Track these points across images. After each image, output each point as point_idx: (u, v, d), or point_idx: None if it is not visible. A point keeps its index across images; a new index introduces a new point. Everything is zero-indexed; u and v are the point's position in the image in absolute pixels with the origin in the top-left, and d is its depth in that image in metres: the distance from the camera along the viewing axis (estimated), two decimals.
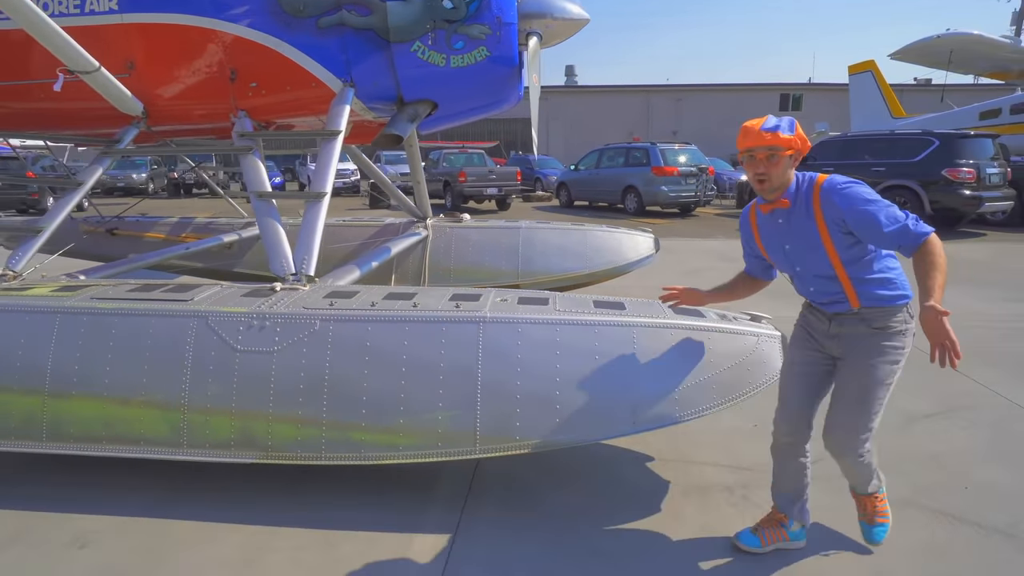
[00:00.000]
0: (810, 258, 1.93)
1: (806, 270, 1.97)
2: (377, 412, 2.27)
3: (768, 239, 2.05)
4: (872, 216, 1.79)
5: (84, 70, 2.87)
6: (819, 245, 1.89)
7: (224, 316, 2.40)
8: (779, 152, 1.88)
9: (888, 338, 1.90)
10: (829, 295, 1.94)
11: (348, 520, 2.34)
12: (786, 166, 1.90)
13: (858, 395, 1.90)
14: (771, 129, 1.88)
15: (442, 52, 3.16)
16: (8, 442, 2.42)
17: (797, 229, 1.93)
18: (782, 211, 1.97)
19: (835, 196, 1.85)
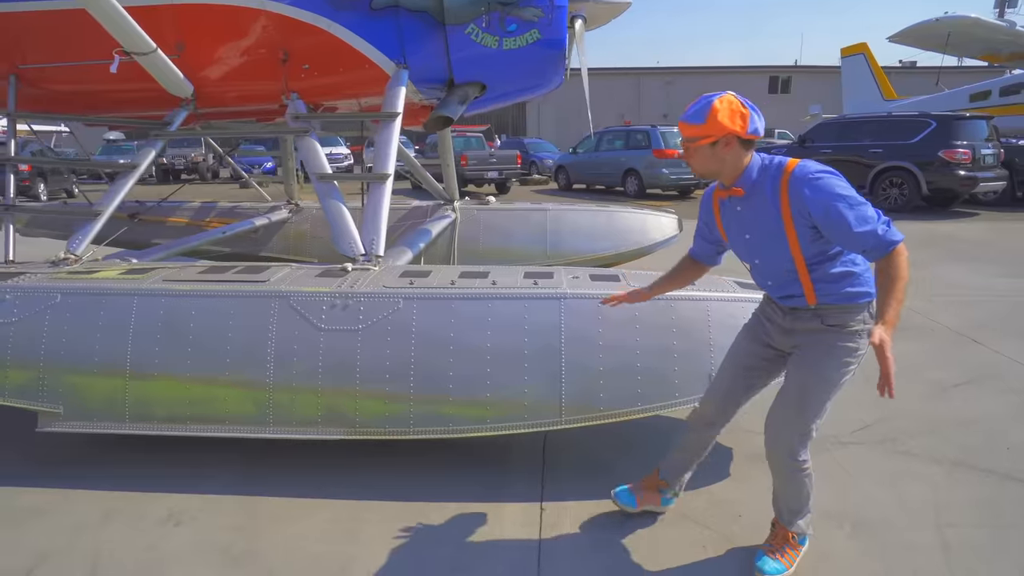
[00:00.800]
0: (771, 250, 1.78)
1: (765, 262, 1.83)
2: (464, 386, 2.33)
3: (729, 226, 1.90)
4: (842, 214, 1.61)
5: (141, 51, 2.84)
6: (781, 237, 1.72)
7: (306, 296, 2.44)
8: (692, 143, 1.75)
9: (843, 337, 1.76)
10: (786, 290, 1.81)
11: (434, 492, 2.41)
12: (707, 156, 1.74)
13: (799, 393, 1.79)
14: (683, 119, 1.75)
15: (495, 34, 3.18)
16: (90, 423, 2.45)
17: (759, 218, 1.76)
18: (738, 199, 1.81)
19: (805, 186, 1.66)
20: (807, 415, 1.81)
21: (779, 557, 1.96)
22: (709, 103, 1.70)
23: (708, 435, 2.14)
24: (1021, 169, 10.77)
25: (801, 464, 1.87)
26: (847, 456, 2.72)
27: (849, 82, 17.11)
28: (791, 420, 1.83)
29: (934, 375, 3.56)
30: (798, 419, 1.82)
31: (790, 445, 1.84)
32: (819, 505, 2.30)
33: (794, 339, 1.84)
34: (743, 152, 1.74)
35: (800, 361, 1.82)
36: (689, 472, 2.22)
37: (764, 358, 1.96)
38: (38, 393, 2.45)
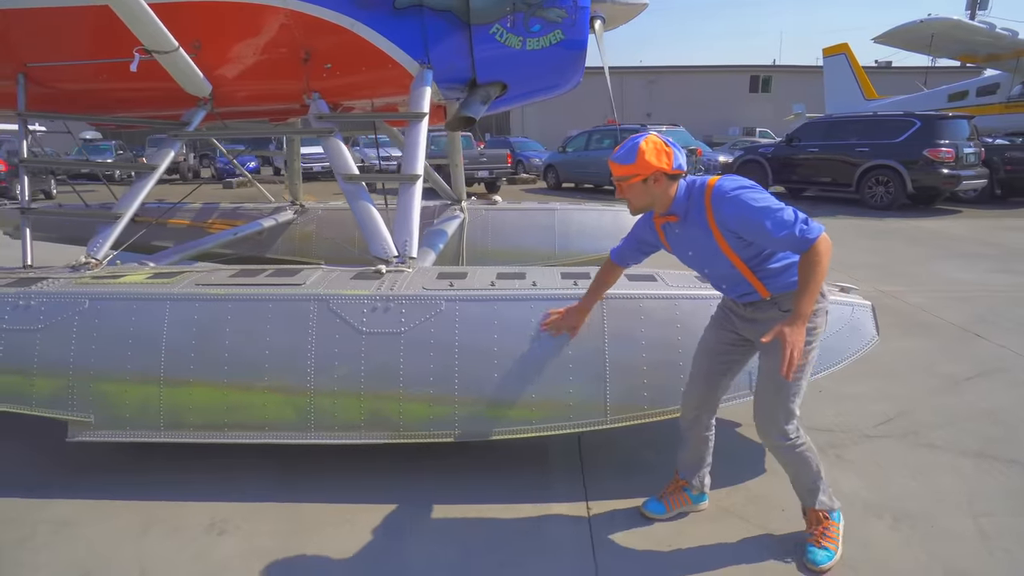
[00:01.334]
0: (713, 261, 1.96)
1: (713, 271, 2.02)
2: (509, 387, 2.33)
3: (674, 245, 2.07)
4: (760, 224, 1.77)
5: (162, 49, 2.78)
6: (717, 251, 1.90)
7: (346, 299, 2.41)
8: (624, 181, 1.91)
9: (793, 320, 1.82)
10: (740, 290, 1.97)
11: (477, 494, 2.41)
12: (639, 191, 1.91)
13: (773, 376, 1.88)
14: (614, 160, 1.92)
15: (519, 35, 3.17)
16: (123, 432, 2.39)
17: (695, 236, 1.94)
18: (674, 224, 1.98)
19: (724, 204, 1.83)
20: (783, 395, 1.93)
21: (824, 543, 2.02)
22: (635, 145, 1.88)
23: (702, 427, 2.20)
24: (999, 167, 11.10)
25: (796, 441, 1.98)
26: (875, 449, 2.78)
27: (831, 82, 17.46)
28: (771, 403, 1.96)
29: (944, 369, 3.66)
30: (777, 400, 1.94)
31: (777, 426, 1.96)
32: (858, 497, 2.38)
33: (757, 327, 1.96)
34: (670, 184, 1.91)
35: (767, 348, 1.91)
36: (707, 466, 2.27)
37: (733, 344, 2.09)
38: (68, 402, 2.38)
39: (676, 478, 2.29)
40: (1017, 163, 11.11)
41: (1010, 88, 13.02)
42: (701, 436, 2.22)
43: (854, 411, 3.12)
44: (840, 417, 3.07)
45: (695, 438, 2.22)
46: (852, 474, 2.55)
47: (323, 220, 5.31)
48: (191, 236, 4.94)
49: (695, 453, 2.25)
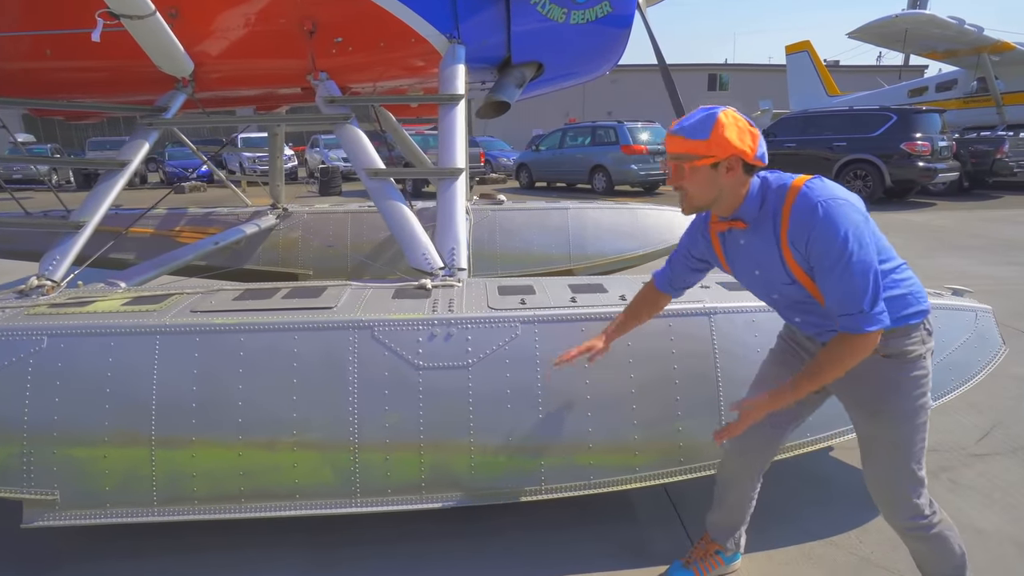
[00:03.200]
0: (784, 288, 1.48)
1: (784, 298, 1.53)
2: (607, 428, 1.88)
3: (734, 261, 1.58)
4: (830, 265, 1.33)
5: (135, 14, 2.18)
6: (792, 279, 1.44)
7: (395, 325, 1.90)
8: (685, 162, 1.42)
9: (907, 367, 1.44)
10: (821, 327, 1.51)
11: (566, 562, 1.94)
12: (705, 180, 1.42)
13: (887, 446, 1.49)
14: (679, 132, 1.41)
15: (564, 6, 2.72)
16: (103, 511, 1.81)
17: (762, 253, 1.47)
18: (739, 232, 1.51)
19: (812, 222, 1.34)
20: (908, 464, 1.48)
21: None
22: (712, 115, 1.40)
23: (748, 486, 1.78)
24: (967, 160, 11.36)
25: (931, 519, 1.52)
26: (989, 470, 2.47)
27: (794, 78, 17.71)
28: (894, 479, 1.50)
29: (1013, 371, 3.41)
30: (901, 473, 1.49)
31: (908, 504, 1.50)
32: (1005, 535, 2.04)
33: (844, 378, 1.47)
34: (745, 178, 1.44)
35: (868, 407, 1.49)
36: (744, 526, 1.85)
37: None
38: (22, 475, 1.78)
39: (707, 539, 1.87)
40: (982, 156, 11.41)
41: (968, 84, 13.43)
42: (745, 495, 1.79)
43: (950, 426, 2.81)
44: (937, 434, 2.74)
45: (737, 497, 1.79)
46: (980, 504, 2.22)
47: (309, 225, 4.70)
48: (157, 247, 4.26)
49: (735, 514, 1.82)
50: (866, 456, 1.55)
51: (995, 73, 13.01)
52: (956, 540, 1.55)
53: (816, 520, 2.13)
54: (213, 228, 4.45)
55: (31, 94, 2.79)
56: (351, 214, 4.73)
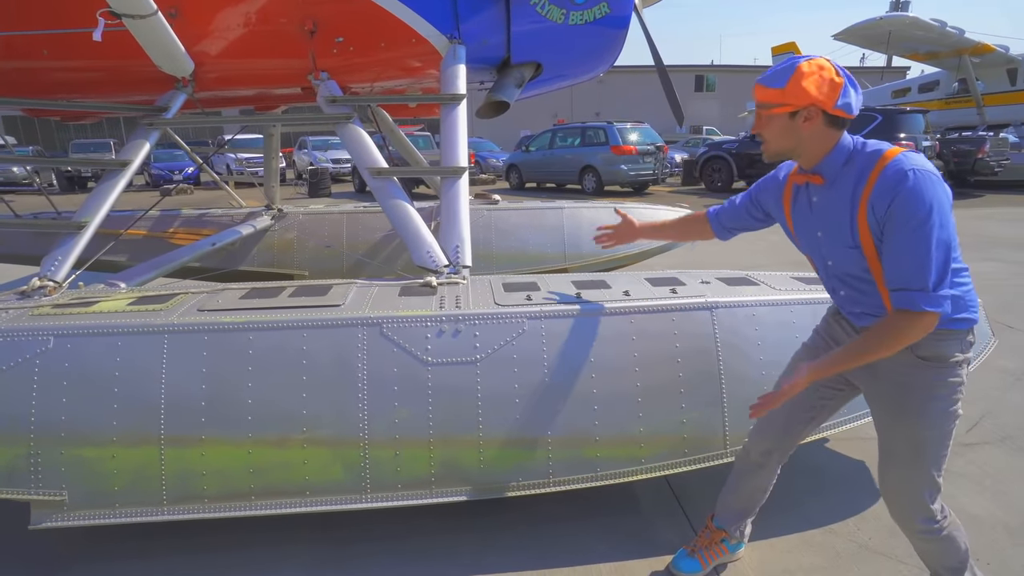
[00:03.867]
0: (843, 255, 1.46)
1: (839, 265, 1.49)
2: (613, 421, 1.91)
3: (800, 218, 1.56)
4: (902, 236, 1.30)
5: (136, 13, 2.18)
6: (855, 244, 1.41)
7: (403, 322, 1.92)
8: (765, 109, 1.44)
9: (943, 372, 1.41)
10: (863, 305, 1.48)
11: (574, 553, 1.97)
12: (782, 128, 1.42)
13: (912, 449, 1.46)
14: (761, 81, 1.44)
15: (562, 7, 2.75)
16: (112, 510, 1.80)
17: (834, 213, 1.44)
18: (815, 188, 1.49)
19: (899, 187, 1.30)
20: (929, 470, 1.47)
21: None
22: (794, 65, 1.39)
23: (766, 475, 1.80)
24: (949, 160, 11.58)
25: (942, 523, 1.53)
26: (978, 457, 2.54)
27: None
28: (914, 482, 1.49)
29: (999, 363, 3.51)
30: (921, 478, 1.48)
31: (923, 508, 1.50)
32: (998, 521, 2.10)
33: (875, 372, 1.48)
34: (828, 131, 1.40)
35: (897, 408, 1.47)
36: (751, 517, 1.89)
37: (828, 387, 1.64)
38: (30, 476, 1.78)
39: (710, 527, 1.89)
40: (964, 156, 11.64)
41: (949, 85, 13.70)
42: (760, 485, 1.81)
43: None
44: None
45: (753, 485, 1.81)
46: (972, 491, 2.29)
47: (304, 226, 4.69)
48: (151, 248, 4.23)
49: (747, 503, 1.84)
50: (886, 458, 1.52)
51: (976, 74, 13.28)
52: (962, 538, 1.56)
53: (814, 509, 2.18)
54: (207, 229, 4.43)
55: (28, 94, 2.77)
56: (346, 214, 4.73)
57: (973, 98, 13.42)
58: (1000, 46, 13.16)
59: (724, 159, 12.69)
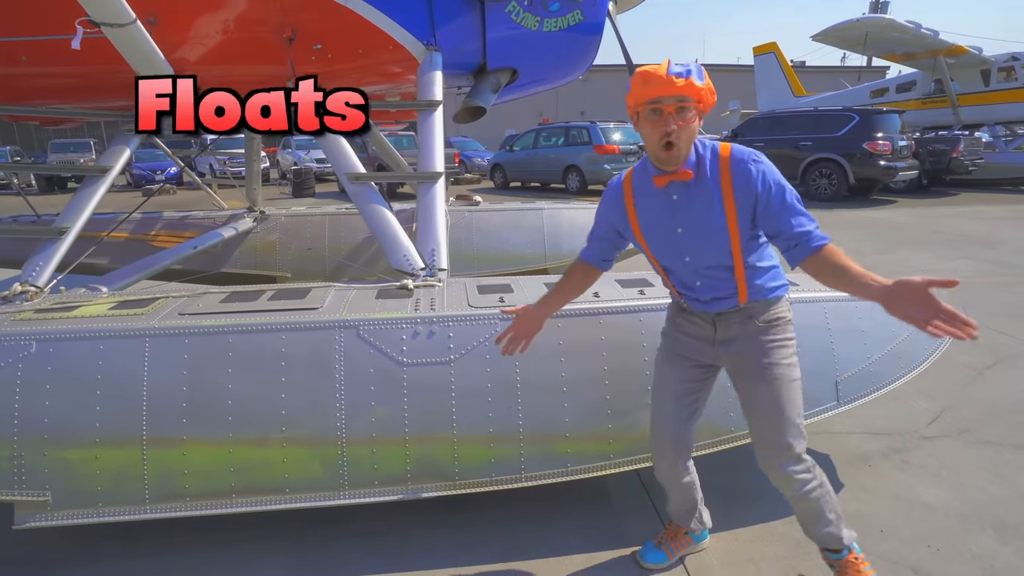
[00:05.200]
0: (707, 245, 1.58)
1: (697, 259, 1.61)
2: (582, 418, 1.99)
3: (652, 220, 1.63)
4: (791, 203, 1.51)
5: (115, 22, 2.21)
6: (723, 228, 1.55)
7: (379, 324, 1.98)
8: (691, 104, 1.48)
9: (780, 330, 1.65)
10: (718, 290, 1.63)
11: (547, 545, 2.04)
12: (695, 128, 1.53)
13: (772, 403, 1.62)
14: (683, 74, 1.46)
15: (536, 14, 2.83)
16: (95, 510, 1.85)
17: (698, 207, 1.56)
18: (680, 185, 1.57)
19: (751, 165, 1.52)
20: (791, 420, 1.64)
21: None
22: (699, 67, 1.49)
23: (681, 475, 1.87)
24: (925, 159, 11.83)
25: (810, 464, 1.68)
26: (937, 450, 2.65)
27: (762, 79, 18.17)
28: (781, 430, 1.63)
29: (962, 359, 3.63)
30: (783, 418, 1.63)
31: (790, 447, 1.64)
32: (952, 509, 2.21)
33: (731, 348, 1.66)
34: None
35: (753, 370, 1.64)
36: (700, 504, 1.96)
37: (696, 379, 1.76)
38: (13, 477, 1.82)
39: (672, 525, 2.00)
40: (939, 155, 11.90)
41: (926, 85, 13.98)
42: (683, 483, 1.89)
43: (903, 411, 3.00)
44: (891, 419, 2.93)
45: (681, 486, 1.89)
46: (929, 482, 2.39)
47: (287, 228, 4.73)
48: (133, 251, 4.24)
49: (684, 500, 1.92)
50: (756, 419, 1.66)
51: (951, 75, 13.58)
52: (831, 496, 1.71)
53: (777, 500, 2.26)
54: (189, 232, 4.45)
55: (6, 100, 2.79)
56: (328, 216, 4.77)
57: (948, 98, 13.73)
58: (973, 47, 13.48)
59: None
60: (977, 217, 9.18)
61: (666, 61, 1.49)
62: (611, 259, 1.85)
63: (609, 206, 1.74)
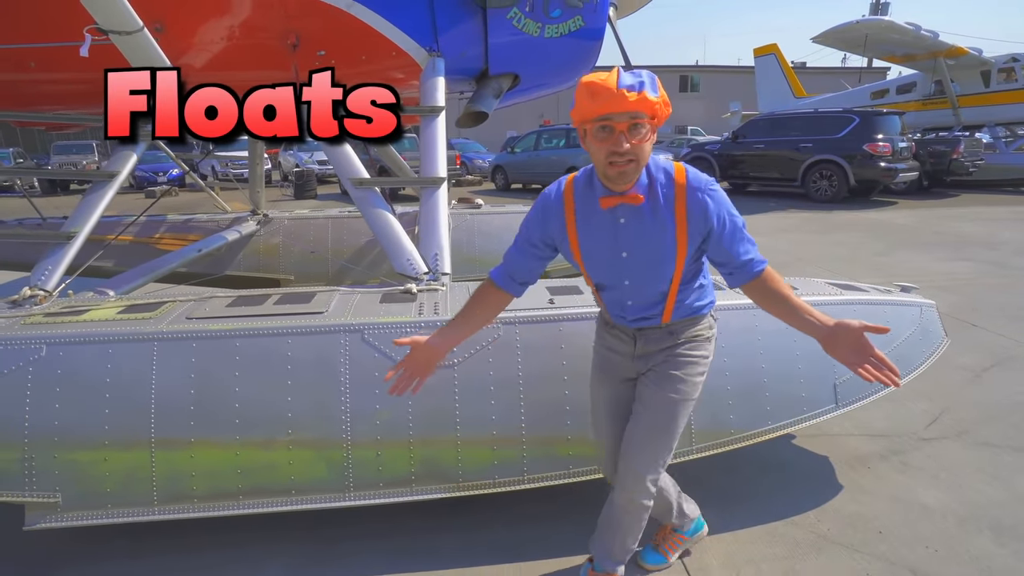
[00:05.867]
0: (652, 271, 1.52)
1: (638, 283, 1.55)
2: (584, 421, 2.01)
3: (594, 242, 1.52)
4: (736, 222, 1.49)
5: (123, 29, 2.25)
6: (671, 257, 1.49)
7: (384, 328, 2.01)
8: (644, 119, 1.35)
9: (698, 347, 1.62)
10: (647, 310, 1.59)
11: (552, 546, 2.07)
12: (650, 142, 1.40)
13: (667, 415, 1.59)
14: (635, 87, 1.31)
15: (538, 20, 2.86)
16: (104, 511, 1.88)
17: (647, 235, 1.47)
18: (629, 209, 1.46)
19: (709, 199, 1.45)
20: (675, 435, 1.63)
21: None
22: (652, 75, 1.37)
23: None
24: (925, 160, 11.85)
25: (654, 493, 1.68)
26: (935, 452, 2.68)
27: (762, 80, 18.21)
28: (660, 445, 1.61)
29: (960, 361, 3.65)
30: (667, 442, 1.62)
31: (654, 476, 1.63)
32: (949, 511, 2.24)
33: (648, 362, 1.64)
34: None
35: (659, 378, 1.61)
36: (677, 500, 1.91)
37: (626, 396, 1.71)
38: (24, 479, 1.85)
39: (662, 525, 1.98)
40: (940, 156, 11.92)
41: (927, 87, 14.00)
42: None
43: (902, 413, 3.02)
44: (890, 421, 2.96)
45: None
46: (928, 484, 2.42)
47: (290, 231, 4.76)
48: (138, 254, 4.27)
49: (659, 506, 1.84)
50: (643, 427, 1.61)
51: (951, 76, 13.60)
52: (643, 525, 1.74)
53: (778, 502, 2.30)
54: (193, 235, 4.49)
55: (14, 106, 2.82)
56: (331, 219, 4.81)
57: (948, 99, 13.75)
58: (973, 48, 13.50)
59: (707, 160, 12.89)
60: (977, 218, 9.20)
61: (615, 70, 1.35)
62: (533, 280, 1.67)
63: (546, 217, 1.57)
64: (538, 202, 1.61)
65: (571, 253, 1.59)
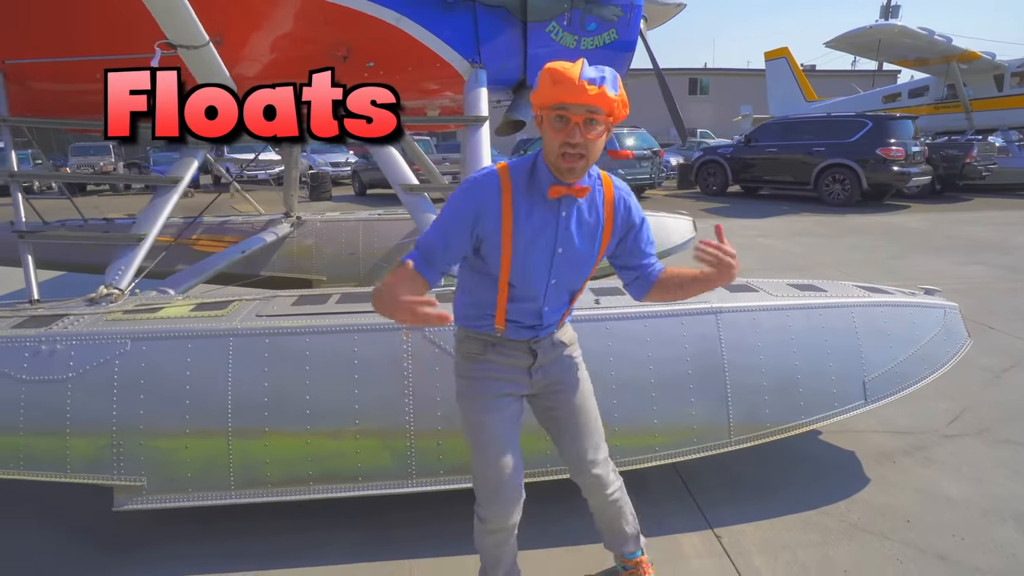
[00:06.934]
0: (577, 270, 1.50)
1: (563, 284, 1.51)
2: (630, 414, 2.14)
3: (532, 235, 1.42)
4: (651, 236, 1.57)
5: (192, 44, 2.39)
6: (594, 256, 1.49)
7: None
8: (601, 116, 1.32)
9: (576, 348, 1.69)
10: (551, 317, 1.55)
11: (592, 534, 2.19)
12: (603, 140, 1.37)
13: (590, 412, 1.68)
14: (596, 81, 1.28)
15: (575, 33, 2.99)
16: (184, 495, 2.02)
17: (583, 231, 1.45)
18: (572, 201, 1.43)
19: (631, 200, 1.52)
20: (600, 425, 1.73)
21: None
22: (614, 74, 1.34)
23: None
24: (938, 164, 11.90)
25: (615, 469, 1.77)
26: (957, 448, 2.78)
27: (773, 84, 18.28)
28: (599, 435, 1.71)
29: (980, 362, 3.75)
30: (600, 432, 1.72)
31: (606, 453, 1.72)
32: (973, 503, 2.34)
33: (548, 374, 1.61)
34: None
35: (569, 385, 1.64)
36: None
37: (518, 415, 1.64)
38: (113, 464, 1.99)
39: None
40: (953, 160, 11.96)
41: (939, 90, 14.04)
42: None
43: (924, 412, 3.13)
44: (913, 418, 3.07)
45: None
46: (951, 478, 2.53)
47: (322, 233, 4.92)
48: (177, 255, 4.42)
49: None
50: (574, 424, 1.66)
51: (964, 80, 13.64)
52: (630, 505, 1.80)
53: (810, 493, 2.42)
54: (229, 236, 4.64)
55: (70, 113, 2.98)
56: (362, 222, 4.96)
57: (961, 103, 13.78)
58: (986, 53, 13.53)
59: (719, 163, 12.98)
60: (991, 222, 9.25)
61: (580, 61, 1.32)
62: (446, 272, 1.55)
63: (479, 201, 1.41)
64: (467, 184, 1.47)
65: (498, 245, 1.43)
